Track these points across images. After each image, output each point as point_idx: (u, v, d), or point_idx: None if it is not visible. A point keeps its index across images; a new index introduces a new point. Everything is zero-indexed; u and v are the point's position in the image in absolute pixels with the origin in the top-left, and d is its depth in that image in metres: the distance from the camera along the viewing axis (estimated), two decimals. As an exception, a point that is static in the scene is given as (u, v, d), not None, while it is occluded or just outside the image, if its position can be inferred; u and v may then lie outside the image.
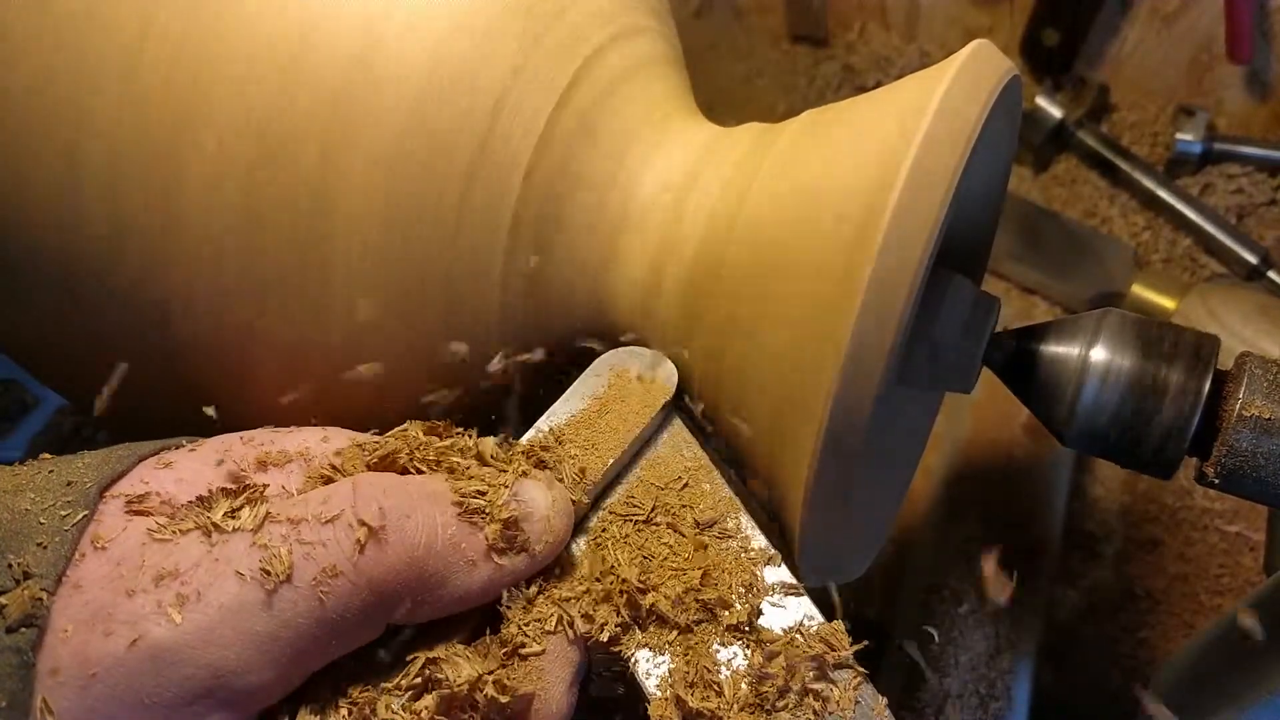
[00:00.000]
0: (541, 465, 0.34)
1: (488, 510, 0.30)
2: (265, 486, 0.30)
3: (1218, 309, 0.66)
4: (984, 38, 0.36)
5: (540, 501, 0.31)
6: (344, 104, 0.34)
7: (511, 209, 0.36)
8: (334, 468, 0.32)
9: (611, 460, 0.35)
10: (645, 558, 0.33)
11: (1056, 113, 0.79)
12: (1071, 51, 0.80)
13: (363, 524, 0.28)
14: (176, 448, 0.32)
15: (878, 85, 0.79)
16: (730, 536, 0.34)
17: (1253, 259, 0.73)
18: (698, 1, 0.91)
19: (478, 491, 0.30)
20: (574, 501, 0.33)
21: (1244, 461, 0.34)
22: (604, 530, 0.34)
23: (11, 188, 0.35)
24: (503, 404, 0.41)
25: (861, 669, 0.32)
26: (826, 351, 0.32)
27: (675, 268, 0.38)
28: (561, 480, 0.33)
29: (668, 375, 0.37)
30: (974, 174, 0.33)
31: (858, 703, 0.31)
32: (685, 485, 0.36)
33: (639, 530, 0.34)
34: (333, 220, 0.34)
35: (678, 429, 0.38)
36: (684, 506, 0.35)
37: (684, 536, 0.34)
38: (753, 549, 0.34)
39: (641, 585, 0.32)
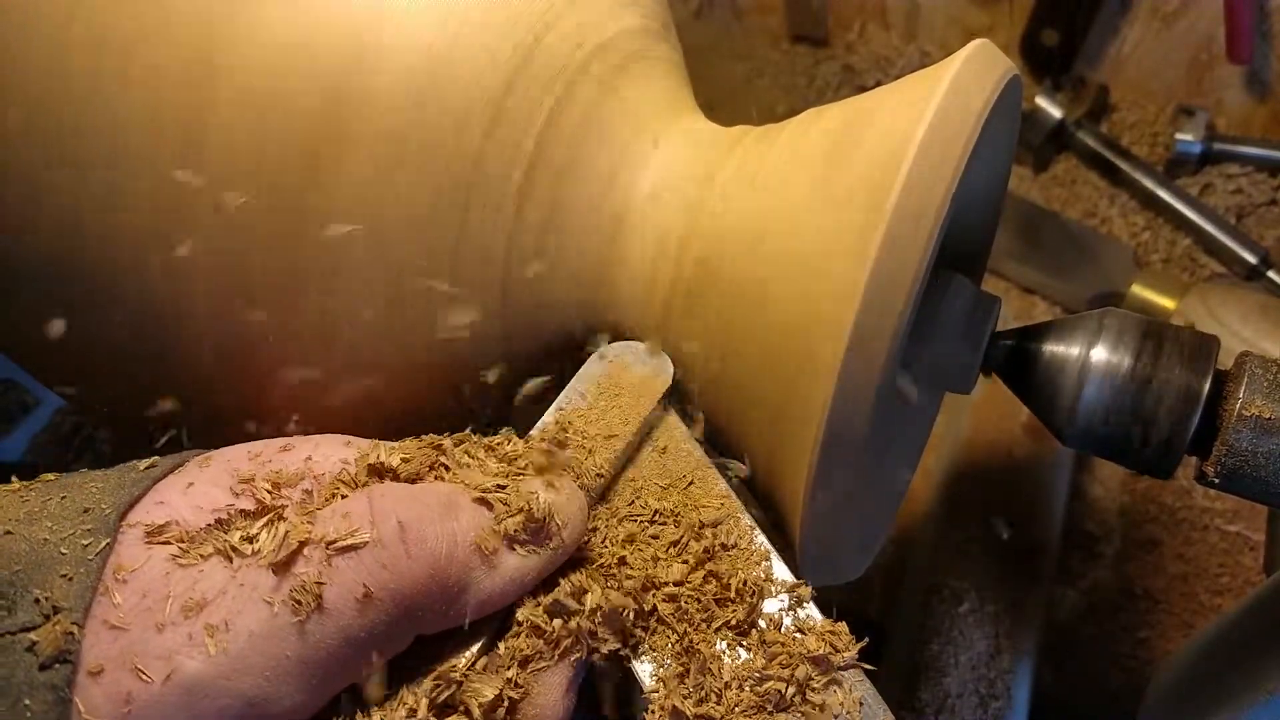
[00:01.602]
0: (552, 459, 0.34)
1: (509, 503, 0.30)
2: (283, 507, 0.29)
3: (1217, 309, 0.66)
4: (984, 38, 0.36)
5: (558, 493, 0.31)
6: (339, 107, 0.33)
7: (512, 210, 0.36)
8: (346, 481, 0.31)
9: (615, 453, 0.35)
10: (649, 558, 0.33)
11: (1056, 113, 0.79)
12: (1071, 51, 0.80)
13: (383, 540, 0.28)
14: (185, 464, 0.32)
15: (878, 85, 0.79)
16: (732, 537, 0.34)
17: (1252, 259, 0.73)
18: (698, 1, 0.91)
19: (497, 486, 0.30)
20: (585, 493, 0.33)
21: (1244, 461, 0.34)
22: (608, 530, 0.34)
23: (12, 190, 0.35)
24: (502, 407, 0.41)
25: (866, 666, 0.32)
26: (826, 352, 0.32)
27: (675, 267, 0.38)
28: (573, 473, 0.34)
29: (664, 367, 0.38)
30: (974, 174, 0.33)
31: (861, 704, 0.31)
32: (689, 485, 0.36)
33: (643, 530, 0.34)
34: (333, 222, 0.34)
35: (680, 429, 0.38)
36: (687, 507, 0.35)
37: (687, 537, 0.34)
38: (754, 549, 0.34)
39: (645, 585, 0.32)
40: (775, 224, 0.35)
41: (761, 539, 0.35)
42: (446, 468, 0.32)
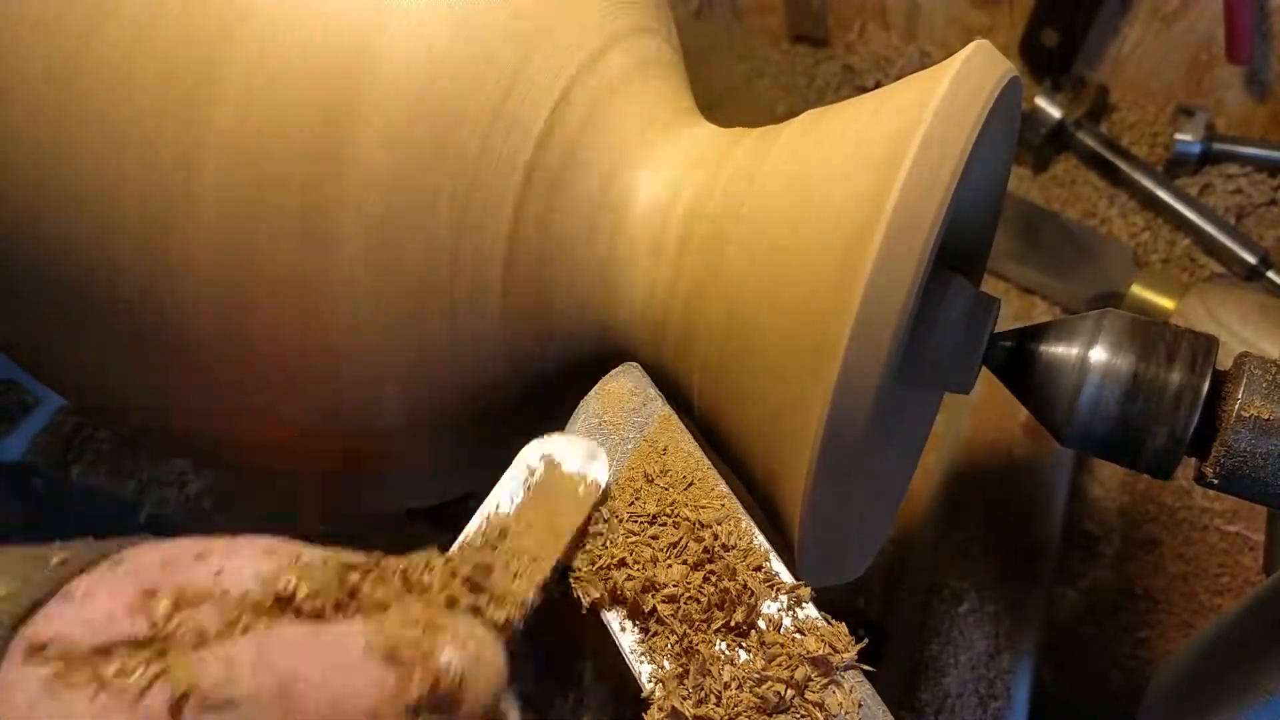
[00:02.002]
0: (477, 588, 0.30)
1: (416, 662, 0.27)
2: (170, 636, 0.27)
3: (1217, 309, 0.66)
4: (983, 38, 0.36)
5: (472, 654, 0.28)
6: (339, 109, 0.33)
7: (510, 214, 0.36)
8: (251, 607, 0.28)
9: (543, 577, 0.32)
10: (649, 560, 0.33)
11: (1056, 113, 0.79)
12: (1071, 52, 0.80)
13: (259, 697, 0.25)
14: (97, 564, 0.29)
15: (878, 85, 0.79)
16: (732, 538, 0.34)
17: (1252, 259, 0.73)
18: (698, 2, 0.91)
19: (407, 639, 0.27)
20: (506, 622, 0.30)
21: (1243, 462, 0.34)
22: (609, 530, 0.34)
23: (15, 194, 0.35)
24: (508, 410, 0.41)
25: (866, 667, 0.32)
26: (825, 352, 0.32)
27: (674, 268, 0.38)
28: (494, 601, 0.30)
29: (599, 469, 0.35)
30: (973, 175, 0.33)
31: (860, 705, 0.31)
32: (689, 485, 0.36)
33: (643, 530, 0.34)
34: (331, 229, 0.34)
35: (680, 429, 0.38)
36: (687, 507, 0.35)
37: (686, 538, 0.34)
38: (754, 550, 0.34)
39: (645, 587, 0.32)
40: (774, 225, 0.35)
41: (761, 539, 0.35)
42: (359, 603, 0.29)
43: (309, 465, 0.42)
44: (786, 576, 0.34)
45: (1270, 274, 0.73)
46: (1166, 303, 0.70)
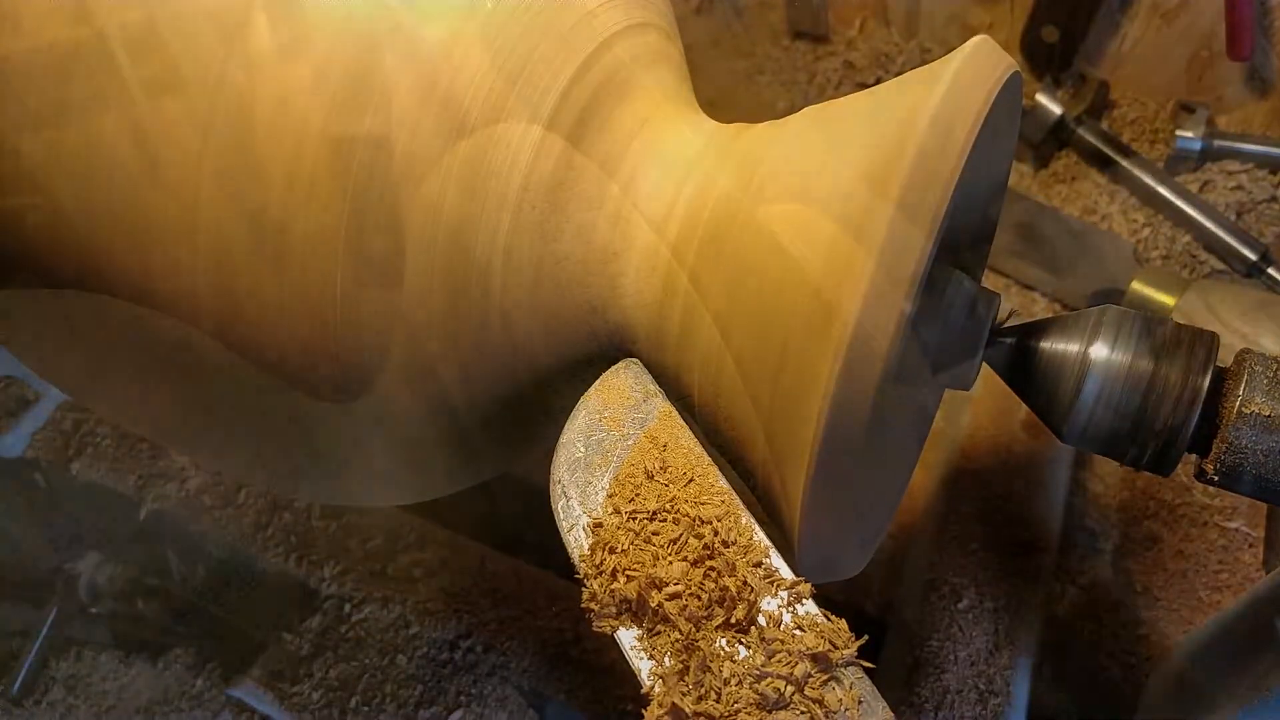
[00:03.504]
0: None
1: None
2: None
3: (1217, 306, 0.66)
4: (984, 34, 0.36)
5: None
6: (336, 112, 0.33)
7: (512, 208, 0.36)
8: None
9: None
10: (650, 557, 0.33)
11: (1056, 109, 0.79)
12: (1071, 48, 0.80)
13: None
14: None
15: (878, 82, 0.78)
16: (732, 534, 0.34)
17: (1252, 256, 0.73)
18: (698, -2, 0.91)
19: None
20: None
21: (1243, 458, 0.34)
22: (609, 526, 0.34)
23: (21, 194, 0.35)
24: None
25: (865, 664, 0.32)
26: (826, 349, 0.32)
27: (675, 263, 0.38)
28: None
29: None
30: (974, 170, 0.33)
31: (860, 701, 0.31)
32: (689, 482, 0.36)
33: (643, 527, 0.34)
34: (328, 239, 0.34)
35: (681, 427, 0.38)
36: (687, 503, 0.35)
37: (687, 534, 0.34)
38: (754, 546, 0.34)
39: (646, 582, 0.32)
40: (774, 221, 0.35)
41: (761, 535, 0.35)
42: None
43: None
44: (786, 573, 0.34)
45: (1270, 270, 0.73)
46: (1167, 299, 0.70)
